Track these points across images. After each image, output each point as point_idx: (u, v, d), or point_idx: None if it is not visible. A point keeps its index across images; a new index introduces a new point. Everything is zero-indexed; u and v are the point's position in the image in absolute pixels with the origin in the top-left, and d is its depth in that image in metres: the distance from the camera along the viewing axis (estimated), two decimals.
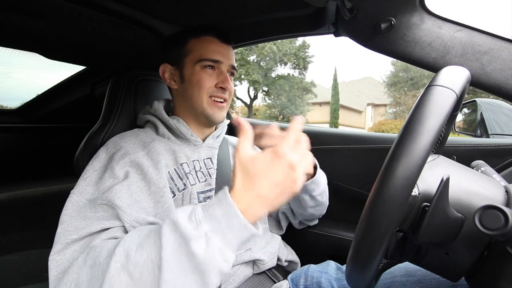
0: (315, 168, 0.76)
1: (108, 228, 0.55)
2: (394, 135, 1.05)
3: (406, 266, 0.66)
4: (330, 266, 0.77)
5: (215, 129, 0.83)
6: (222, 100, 0.76)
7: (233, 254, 0.43)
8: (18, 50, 1.02)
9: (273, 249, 0.78)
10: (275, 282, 0.74)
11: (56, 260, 0.51)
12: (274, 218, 0.92)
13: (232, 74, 0.80)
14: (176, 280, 0.41)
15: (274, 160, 0.44)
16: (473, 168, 0.50)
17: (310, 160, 0.52)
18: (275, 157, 0.44)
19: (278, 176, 0.44)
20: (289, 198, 0.46)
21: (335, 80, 18.27)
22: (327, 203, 0.88)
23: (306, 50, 16.67)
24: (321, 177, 0.79)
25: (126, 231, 0.56)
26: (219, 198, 0.44)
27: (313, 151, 1.17)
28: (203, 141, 0.80)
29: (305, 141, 0.50)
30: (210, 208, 0.43)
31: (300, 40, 16.73)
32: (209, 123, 0.78)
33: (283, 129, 0.58)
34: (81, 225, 0.54)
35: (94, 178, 0.62)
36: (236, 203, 0.42)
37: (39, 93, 1.57)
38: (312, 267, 0.77)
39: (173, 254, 0.41)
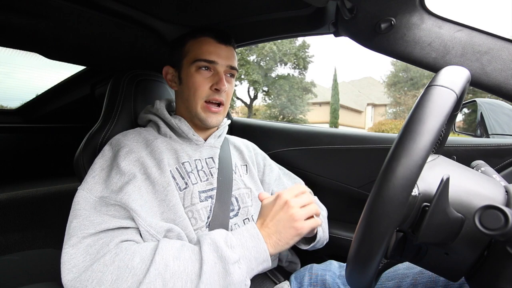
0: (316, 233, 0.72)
1: (123, 227, 0.56)
2: (394, 135, 1.05)
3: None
4: (333, 264, 0.77)
5: (217, 129, 0.83)
6: (218, 103, 0.76)
7: (249, 281, 0.52)
8: (20, 50, 1.02)
9: None
10: (276, 283, 0.74)
11: (71, 254, 0.51)
12: None
13: (232, 75, 0.79)
14: None
15: (275, 200, 0.58)
16: (473, 168, 0.50)
17: (313, 208, 0.59)
18: (275, 198, 0.58)
19: (276, 211, 0.56)
20: (293, 236, 0.55)
21: (335, 80, 18.27)
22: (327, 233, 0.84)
23: (306, 50, 16.65)
24: (320, 235, 0.74)
25: (140, 234, 0.58)
26: (249, 231, 0.55)
27: (313, 151, 1.16)
28: (205, 140, 0.80)
29: (312, 197, 0.61)
30: (243, 238, 0.53)
31: (300, 40, 16.72)
32: (203, 126, 0.78)
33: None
34: (97, 220, 0.55)
35: (102, 177, 0.62)
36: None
37: (39, 93, 1.57)
38: (315, 266, 0.77)
39: (211, 270, 0.48)
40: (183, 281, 0.47)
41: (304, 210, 0.57)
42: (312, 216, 0.59)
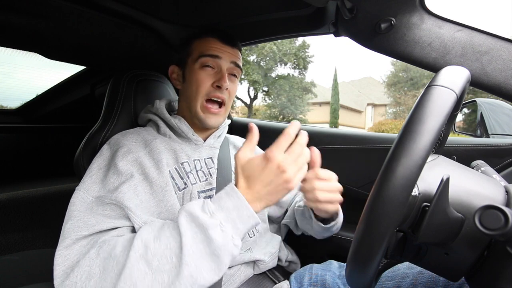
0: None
1: (117, 228, 0.56)
2: (394, 135, 1.05)
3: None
4: (333, 264, 0.77)
5: (217, 129, 0.84)
6: (219, 104, 0.76)
7: (240, 240, 0.50)
8: (20, 50, 1.03)
9: (274, 249, 0.78)
10: (275, 283, 0.74)
11: (64, 255, 0.51)
12: (276, 225, 0.91)
13: (234, 75, 0.79)
14: (195, 262, 0.46)
15: (264, 162, 0.51)
16: (473, 168, 0.50)
17: (305, 159, 0.54)
18: (265, 160, 0.51)
19: (268, 177, 0.50)
20: (283, 195, 0.52)
21: (335, 80, 18.27)
22: None
23: (306, 50, 16.65)
24: (341, 217, 0.76)
25: (134, 232, 0.57)
26: (228, 192, 0.51)
27: None
28: (204, 140, 0.80)
29: (303, 143, 0.54)
30: (221, 201, 0.50)
31: (300, 40, 16.72)
32: (202, 126, 0.78)
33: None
34: (91, 222, 0.55)
35: (99, 176, 0.62)
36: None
37: (39, 93, 1.57)
38: (315, 266, 0.77)
39: (193, 240, 0.47)
40: (167, 257, 0.47)
41: (297, 166, 0.52)
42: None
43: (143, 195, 0.62)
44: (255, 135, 0.56)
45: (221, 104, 0.77)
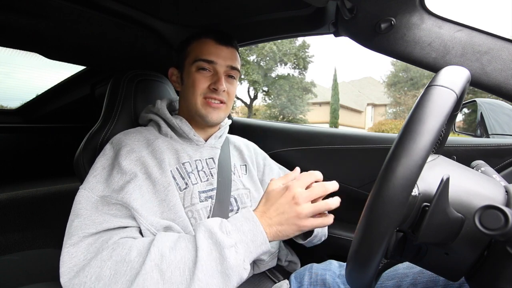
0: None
1: (125, 227, 0.57)
2: (394, 135, 1.05)
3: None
4: (333, 264, 0.77)
5: (218, 129, 0.84)
6: (217, 102, 0.76)
7: (249, 265, 0.51)
8: (20, 50, 1.03)
9: (273, 249, 0.78)
10: (275, 282, 0.74)
11: (71, 253, 0.52)
12: None
13: (231, 76, 0.79)
14: (206, 279, 0.47)
15: (283, 191, 0.55)
16: (473, 168, 0.50)
17: (325, 205, 0.55)
18: (284, 188, 0.55)
19: (282, 205, 0.53)
20: (294, 231, 0.54)
21: (335, 80, 18.26)
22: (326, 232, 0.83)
23: (306, 50, 16.65)
24: (318, 230, 0.75)
25: (141, 233, 0.58)
26: (245, 216, 0.54)
27: (313, 151, 1.16)
28: (206, 141, 0.80)
29: (329, 188, 0.56)
30: (238, 223, 0.53)
31: (300, 40, 16.72)
32: (204, 123, 0.78)
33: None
34: (98, 220, 0.55)
35: (103, 175, 0.63)
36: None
37: (39, 93, 1.57)
38: (315, 265, 0.77)
39: (208, 256, 0.48)
40: (181, 270, 0.48)
41: (312, 207, 0.53)
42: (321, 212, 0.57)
43: (147, 194, 0.62)
44: (294, 174, 0.60)
45: (220, 101, 0.77)
